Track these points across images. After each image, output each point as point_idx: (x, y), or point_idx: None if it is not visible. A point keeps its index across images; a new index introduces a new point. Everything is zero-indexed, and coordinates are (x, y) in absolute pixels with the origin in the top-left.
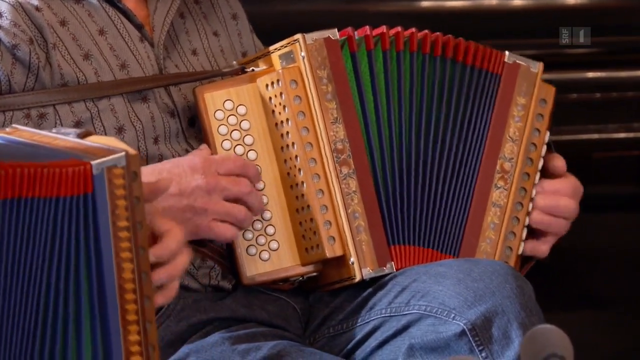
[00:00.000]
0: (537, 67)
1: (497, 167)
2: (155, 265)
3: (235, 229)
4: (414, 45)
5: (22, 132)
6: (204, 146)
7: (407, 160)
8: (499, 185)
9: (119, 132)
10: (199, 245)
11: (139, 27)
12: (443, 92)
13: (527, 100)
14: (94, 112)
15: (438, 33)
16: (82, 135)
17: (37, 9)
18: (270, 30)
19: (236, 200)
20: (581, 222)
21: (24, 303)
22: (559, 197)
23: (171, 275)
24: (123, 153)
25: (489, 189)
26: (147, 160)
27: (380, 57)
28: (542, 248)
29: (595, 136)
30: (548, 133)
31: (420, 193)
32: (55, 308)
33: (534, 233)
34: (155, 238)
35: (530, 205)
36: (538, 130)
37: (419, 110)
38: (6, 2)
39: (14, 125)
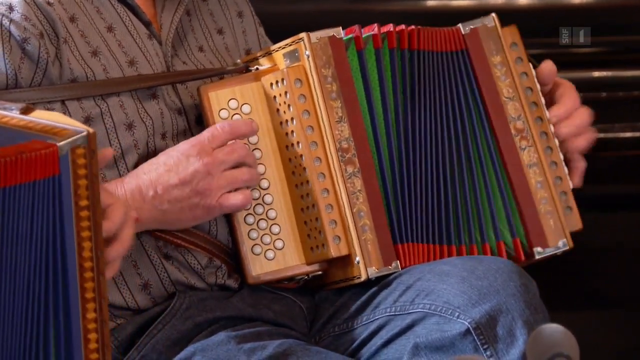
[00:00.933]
0: (492, 19)
1: (513, 132)
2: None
3: (245, 192)
4: (393, 41)
5: None
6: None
7: (413, 157)
8: (523, 147)
9: (129, 128)
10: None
11: (147, 24)
12: (424, 82)
13: (501, 56)
14: (104, 108)
15: (402, 26)
16: (24, 111)
17: (49, 3)
18: (276, 29)
19: (238, 166)
20: (587, 221)
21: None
22: (574, 117)
23: (120, 253)
24: (85, 132)
25: (517, 155)
26: (155, 154)
27: (387, 55)
28: (580, 165)
29: (601, 135)
30: (531, 66)
31: (422, 189)
32: (36, 295)
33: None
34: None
35: (556, 140)
36: (525, 73)
37: (413, 104)
38: None
39: None
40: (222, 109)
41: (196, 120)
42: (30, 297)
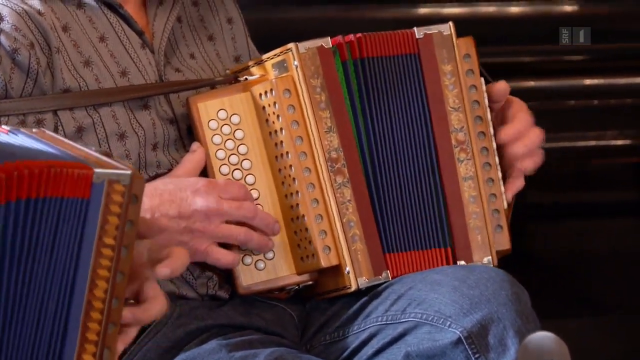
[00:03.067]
0: (449, 27)
1: (453, 142)
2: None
3: (236, 253)
4: (355, 50)
5: (47, 135)
6: (196, 145)
7: (387, 163)
8: (461, 159)
9: (121, 138)
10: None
11: (139, 33)
12: (380, 89)
13: (452, 65)
14: (96, 119)
15: (359, 35)
16: (103, 153)
17: (40, 13)
18: (267, 37)
19: (240, 225)
20: (579, 228)
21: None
22: (525, 137)
23: (139, 320)
24: (129, 172)
25: (454, 166)
26: (146, 166)
27: (367, 64)
28: (518, 183)
29: (593, 143)
30: (482, 80)
31: (400, 194)
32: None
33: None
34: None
35: (497, 159)
36: (474, 86)
37: (376, 111)
38: (8, 6)
39: (42, 128)
40: (211, 120)
41: (188, 130)
42: (40, 314)
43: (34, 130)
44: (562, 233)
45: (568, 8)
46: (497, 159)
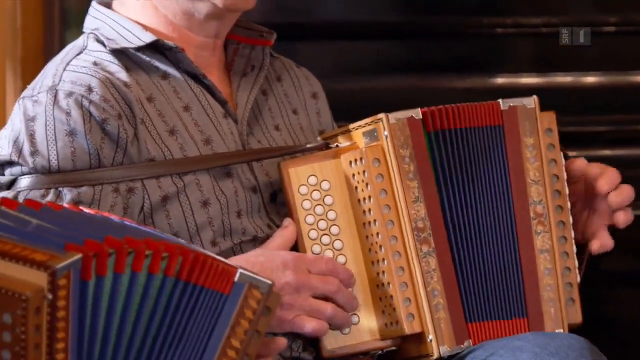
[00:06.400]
0: (532, 101)
1: (531, 214)
2: None
3: (322, 324)
4: (429, 123)
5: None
6: (288, 221)
7: (471, 234)
8: (538, 231)
9: (204, 205)
10: None
11: (223, 103)
12: (464, 159)
13: (534, 138)
14: (180, 186)
15: (441, 107)
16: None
17: (126, 84)
18: (346, 105)
19: (325, 298)
20: None
21: None
22: (621, 189)
23: None
24: (270, 282)
25: (532, 239)
26: (231, 233)
27: (447, 135)
28: (606, 239)
29: None
30: (562, 155)
31: (482, 264)
32: None
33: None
34: None
35: (572, 232)
36: (554, 160)
37: (459, 182)
38: (96, 77)
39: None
40: (301, 185)
41: (270, 197)
42: None
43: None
44: None
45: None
46: (572, 232)
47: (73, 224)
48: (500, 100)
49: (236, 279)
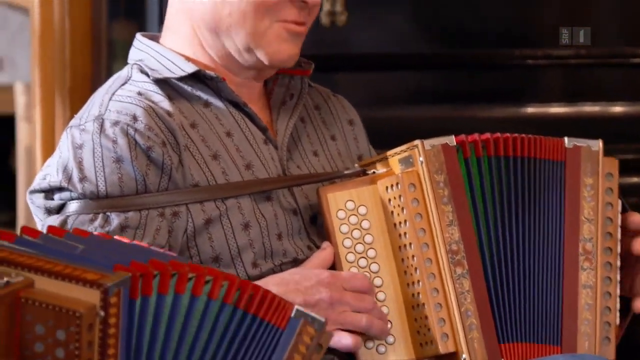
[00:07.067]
0: (598, 145)
1: (580, 250)
2: None
3: (357, 338)
4: (490, 149)
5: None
6: (326, 244)
7: (511, 259)
8: (584, 267)
9: (245, 228)
10: None
11: (263, 129)
12: (520, 189)
13: (594, 179)
14: (222, 210)
15: (497, 134)
16: None
17: (169, 113)
18: (386, 133)
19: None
20: None
21: None
22: None
23: None
24: (323, 320)
25: (577, 273)
26: (272, 254)
27: (487, 162)
28: None
29: None
30: (620, 202)
31: (522, 289)
32: None
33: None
34: None
35: (618, 276)
36: (610, 204)
37: (509, 209)
38: (141, 107)
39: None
40: (339, 210)
41: (310, 219)
42: None
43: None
44: None
45: None
46: (618, 276)
47: (116, 250)
48: (565, 138)
49: (293, 314)
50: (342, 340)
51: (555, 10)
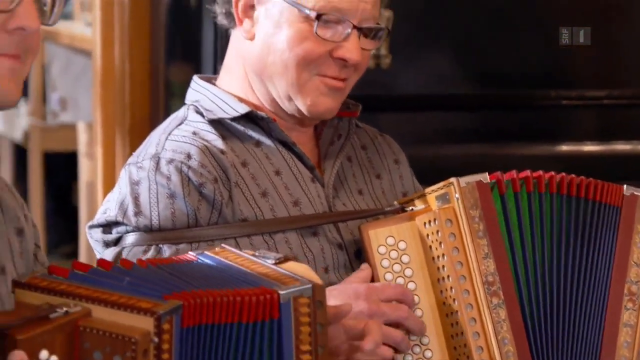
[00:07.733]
0: None
1: (625, 291)
2: None
3: (390, 351)
4: (553, 186)
5: (229, 254)
6: (365, 265)
7: (550, 290)
8: (628, 307)
9: None
10: None
11: (311, 168)
12: (573, 227)
13: None
14: (271, 244)
15: (563, 174)
16: (280, 261)
17: (222, 151)
18: (426, 170)
19: (396, 324)
20: None
21: None
22: None
23: None
24: (310, 285)
25: (620, 311)
26: None
27: (525, 198)
28: None
29: None
30: None
31: (560, 320)
32: None
33: None
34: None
35: None
36: None
37: (558, 245)
38: (195, 145)
39: (223, 245)
40: (380, 245)
41: (355, 254)
42: None
43: (216, 249)
44: None
45: None
46: None
47: (160, 278)
48: (624, 186)
49: (281, 301)
50: (380, 352)
51: (588, 52)
